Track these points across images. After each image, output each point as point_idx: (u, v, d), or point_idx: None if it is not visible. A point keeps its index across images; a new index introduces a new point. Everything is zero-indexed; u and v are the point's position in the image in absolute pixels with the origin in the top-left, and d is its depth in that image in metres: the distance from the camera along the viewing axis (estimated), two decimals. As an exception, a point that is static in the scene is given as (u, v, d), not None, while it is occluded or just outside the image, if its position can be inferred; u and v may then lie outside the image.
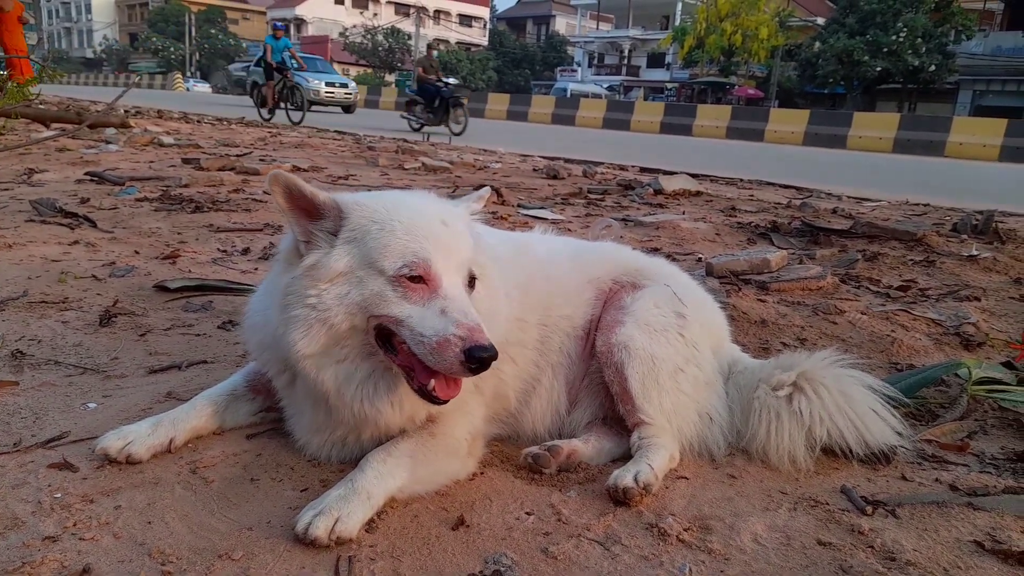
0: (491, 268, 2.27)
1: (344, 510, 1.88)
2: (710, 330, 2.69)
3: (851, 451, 2.42)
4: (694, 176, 10.09)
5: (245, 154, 10.77)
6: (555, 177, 10.35)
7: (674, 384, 2.43)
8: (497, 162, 12.85)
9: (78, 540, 1.80)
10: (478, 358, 1.82)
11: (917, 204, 10.05)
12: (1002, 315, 4.02)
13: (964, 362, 3.11)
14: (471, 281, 2.07)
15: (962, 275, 4.82)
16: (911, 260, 5.13)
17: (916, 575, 1.78)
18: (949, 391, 3.05)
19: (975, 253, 5.24)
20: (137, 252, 4.72)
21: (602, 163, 13.87)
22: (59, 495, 1.98)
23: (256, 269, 4.59)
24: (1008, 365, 3.31)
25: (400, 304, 1.92)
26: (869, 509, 2.11)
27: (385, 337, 1.98)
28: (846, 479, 2.34)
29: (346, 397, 2.01)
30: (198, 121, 17.10)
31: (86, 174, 7.47)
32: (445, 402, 1.94)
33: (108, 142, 10.80)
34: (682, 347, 2.50)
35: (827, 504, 2.17)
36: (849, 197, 10.60)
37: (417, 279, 1.94)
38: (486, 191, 2.51)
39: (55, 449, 2.22)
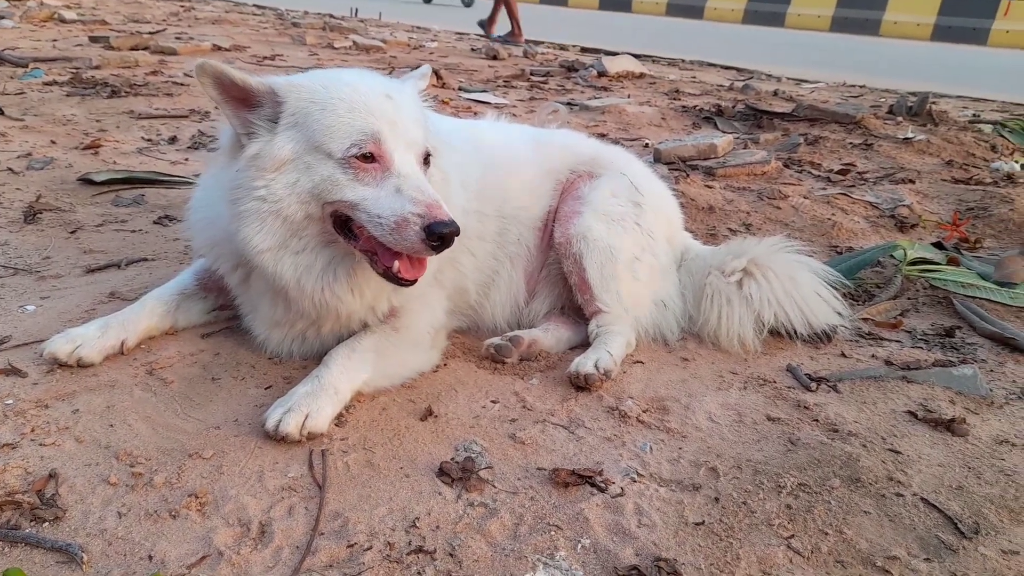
0: (445, 157, 2.19)
1: (313, 406, 1.88)
2: (665, 219, 2.72)
3: (796, 332, 2.54)
4: (636, 57, 9.88)
5: (158, 31, 9.93)
6: (495, 58, 9.97)
7: (630, 273, 2.46)
8: (432, 40, 12.26)
9: (39, 446, 1.76)
10: (439, 234, 1.77)
11: (854, 86, 10.18)
12: (934, 197, 4.19)
13: (899, 244, 3.25)
14: (426, 159, 1.99)
15: (898, 158, 4.96)
16: (850, 143, 5.23)
17: (857, 444, 1.92)
18: (884, 271, 3.20)
19: (910, 136, 5.38)
20: (53, 142, 4.39)
21: (542, 42, 13.41)
22: (10, 401, 1.91)
23: (187, 160, 4.35)
24: (938, 246, 3.48)
25: (353, 187, 1.85)
26: (813, 386, 2.25)
27: (343, 223, 1.92)
28: (791, 358, 2.47)
29: (306, 288, 1.96)
30: (101, -8, 15.56)
31: (-19, 54, 6.78)
32: (411, 283, 1.91)
33: (0, 16, 9.77)
34: (638, 236, 2.53)
35: (775, 382, 2.29)
36: (789, 79, 10.63)
37: (368, 157, 1.86)
38: (427, 69, 2.38)
39: (-2, 355, 2.13)
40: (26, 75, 6.06)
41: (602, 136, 5.30)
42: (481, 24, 13.80)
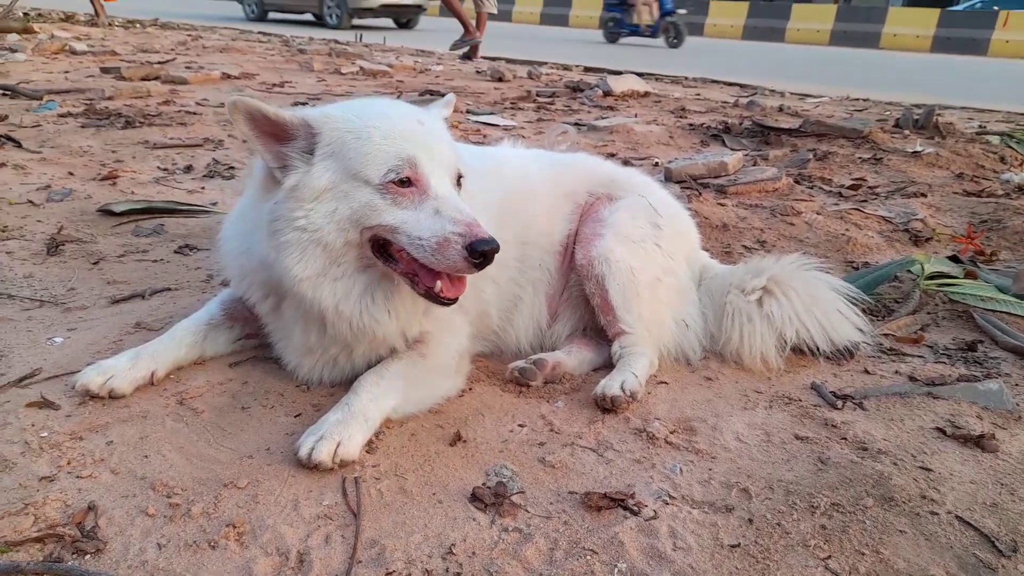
0: (470, 181, 2.23)
1: (344, 433, 1.89)
2: (684, 239, 2.74)
3: (818, 349, 2.55)
4: (640, 75, 9.96)
5: (168, 61, 10.07)
6: (500, 79, 10.06)
7: (652, 294, 2.48)
8: (438, 64, 12.38)
9: (76, 478, 1.78)
10: (481, 252, 1.82)
11: (858, 99, 10.22)
12: (947, 210, 4.20)
13: (916, 258, 3.26)
14: (458, 180, 2.05)
15: (908, 171, 4.98)
16: (859, 158, 5.26)
17: (888, 462, 1.92)
18: (902, 286, 3.21)
19: (919, 149, 5.40)
20: (71, 173, 4.45)
21: (545, 63, 13.53)
22: (45, 434, 1.93)
23: (203, 188, 4.39)
24: (954, 259, 3.49)
25: (392, 211, 1.89)
26: (839, 403, 2.25)
27: (381, 247, 1.96)
28: (815, 375, 2.48)
29: (345, 313, 1.99)
30: (109, 25, 15.78)
31: (-3, 87, 6.89)
32: (453, 301, 1.95)
33: (13, 50, 9.91)
34: (659, 257, 2.55)
35: (800, 400, 2.29)
36: (792, 93, 10.68)
37: (405, 182, 1.90)
38: (452, 97, 2.44)
39: (30, 387, 2.15)
40: (41, 107, 6.14)
41: (611, 156, 5.34)
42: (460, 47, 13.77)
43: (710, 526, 1.71)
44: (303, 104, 7.27)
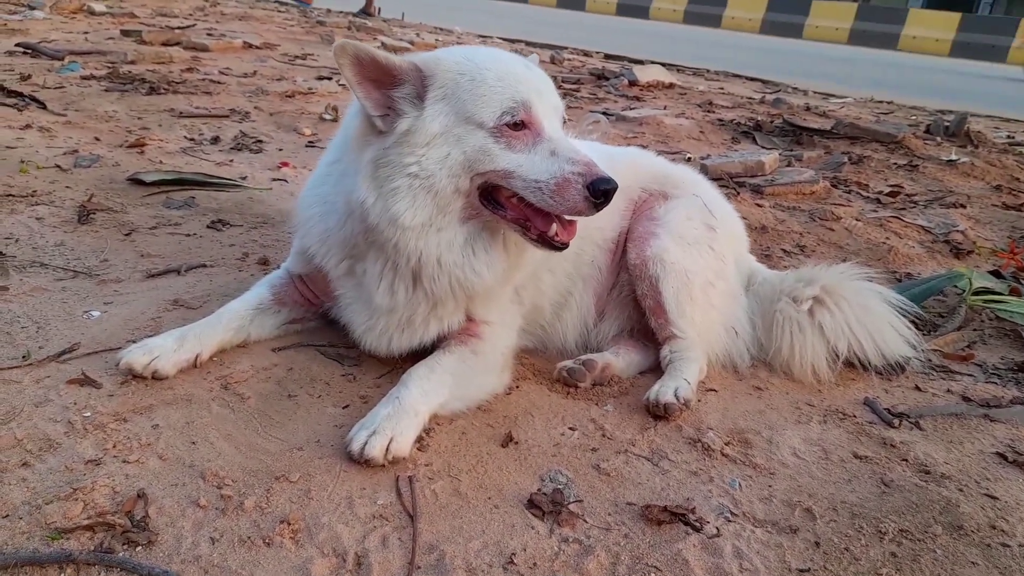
0: None
1: (396, 429, 1.84)
2: (735, 242, 2.68)
3: (869, 362, 2.49)
4: (664, 66, 9.84)
5: (188, 26, 9.92)
6: (523, 62, 9.93)
7: (705, 298, 2.42)
8: (458, 41, 12.23)
9: (122, 463, 1.72)
10: (602, 191, 1.79)
11: (882, 102, 10.12)
12: (986, 223, 4.14)
13: (963, 272, 3.20)
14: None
15: (944, 180, 4.90)
16: (894, 164, 5.18)
17: (953, 488, 1.88)
18: (947, 300, 3.15)
19: (954, 158, 5.32)
20: (98, 139, 4.37)
21: (566, 48, 13.37)
22: (88, 414, 1.88)
23: (231, 161, 4.32)
24: (996, 274, 3.43)
25: (506, 155, 1.85)
26: (896, 422, 2.20)
27: (489, 195, 1.91)
28: (865, 390, 2.42)
29: (447, 264, 1.94)
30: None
31: (17, 45, 6.77)
32: (566, 246, 1.93)
33: (32, 7, 9.77)
34: (712, 260, 2.48)
35: (854, 417, 2.24)
36: (815, 92, 10.57)
37: (519, 125, 1.86)
38: (535, 57, 2.34)
39: (69, 363, 2.09)
40: (64, 69, 6.04)
41: (642, 148, 5.26)
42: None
43: (776, 547, 1.66)
44: (327, 79, 7.17)
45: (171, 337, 2.09)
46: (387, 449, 1.80)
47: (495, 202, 1.92)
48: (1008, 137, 7.65)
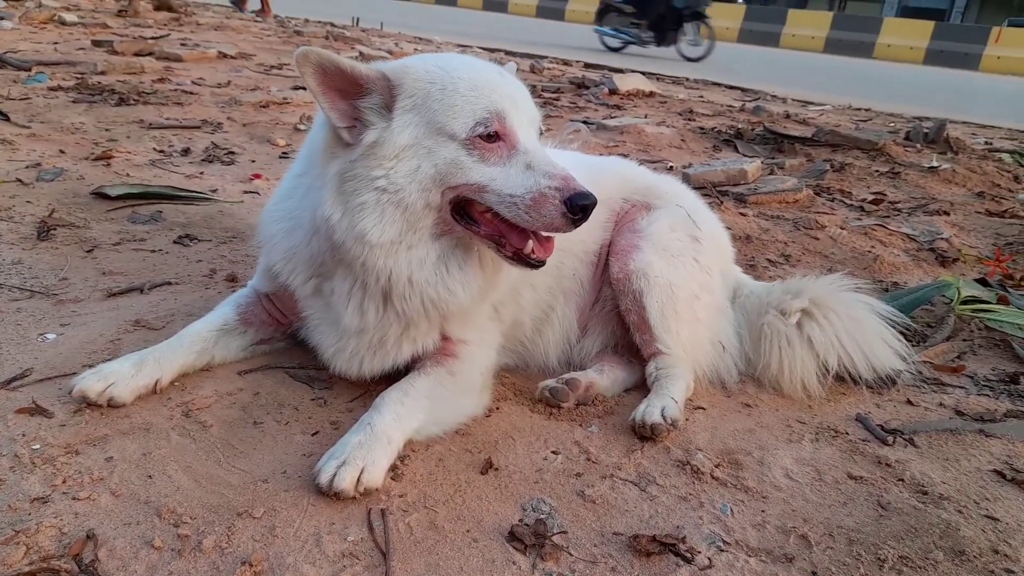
0: None
1: (368, 458, 1.73)
2: (720, 253, 2.60)
3: (860, 376, 2.42)
4: (644, 75, 9.82)
5: (162, 36, 9.77)
6: (502, 72, 9.87)
7: (691, 312, 2.34)
8: (437, 51, 12.15)
9: (72, 500, 1.60)
10: (580, 206, 1.69)
11: (860, 109, 10.16)
12: (971, 230, 4.10)
13: (950, 281, 3.15)
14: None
15: (927, 187, 4.88)
16: (876, 171, 5.15)
17: (952, 510, 1.80)
18: (934, 310, 3.10)
19: (936, 165, 5.31)
20: (63, 151, 4.22)
21: (546, 57, 13.35)
22: (37, 446, 1.75)
23: (201, 174, 4.19)
24: (982, 282, 3.39)
25: (479, 168, 1.74)
26: (890, 439, 2.12)
27: (461, 209, 1.81)
28: (856, 405, 2.35)
29: (419, 283, 1.84)
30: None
31: (-18, 55, 6.60)
32: (543, 263, 1.83)
33: (0, 17, 9.57)
34: (697, 273, 2.40)
35: (847, 434, 2.16)
36: (794, 100, 10.60)
37: (493, 137, 1.76)
38: (512, 65, 2.27)
39: (19, 390, 1.97)
40: (30, 79, 5.88)
41: (623, 157, 5.19)
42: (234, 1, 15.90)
43: (771, 578, 1.57)
44: (303, 89, 7.05)
45: (129, 362, 1.96)
46: (358, 480, 1.69)
47: (468, 217, 1.82)
48: (986, 143, 7.70)
